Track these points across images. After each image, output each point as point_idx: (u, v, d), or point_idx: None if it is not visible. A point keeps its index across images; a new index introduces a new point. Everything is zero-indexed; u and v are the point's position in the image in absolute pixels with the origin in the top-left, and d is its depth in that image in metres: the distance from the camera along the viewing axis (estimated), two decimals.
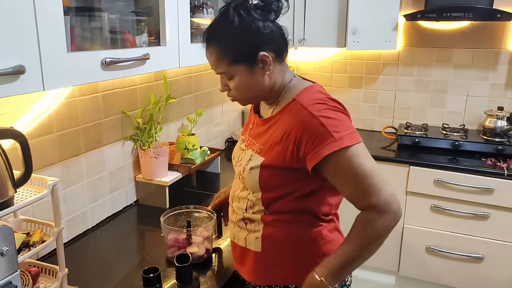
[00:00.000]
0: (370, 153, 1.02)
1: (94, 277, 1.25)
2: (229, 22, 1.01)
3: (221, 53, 1.03)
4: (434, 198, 2.43)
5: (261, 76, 1.06)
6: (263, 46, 1.03)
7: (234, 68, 1.04)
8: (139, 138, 1.72)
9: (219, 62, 1.05)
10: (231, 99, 1.13)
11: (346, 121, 1.01)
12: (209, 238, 1.35)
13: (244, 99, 1.12)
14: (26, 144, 0.95)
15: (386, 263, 2.66)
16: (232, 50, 1.03)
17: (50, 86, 0.93)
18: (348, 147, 0.97)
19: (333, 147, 0.96)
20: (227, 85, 1.09)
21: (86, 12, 1.26)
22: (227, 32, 1.03)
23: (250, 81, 1.05)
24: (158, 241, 1.45)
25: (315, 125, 0.98)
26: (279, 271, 1.13)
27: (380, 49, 2.80)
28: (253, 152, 1.11)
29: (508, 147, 2.44)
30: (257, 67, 1.04)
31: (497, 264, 2.38)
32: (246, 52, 1.03)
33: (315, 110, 1.00)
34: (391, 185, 1.00)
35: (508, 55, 2.65)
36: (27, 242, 1.00)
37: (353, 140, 0.98)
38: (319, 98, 1.04)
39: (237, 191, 1.19)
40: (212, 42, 1.05)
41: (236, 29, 1.01)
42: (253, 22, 1.01)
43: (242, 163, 1.14)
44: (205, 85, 2.25)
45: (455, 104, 2.83)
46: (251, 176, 1.09)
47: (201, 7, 1.69)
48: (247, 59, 1.03)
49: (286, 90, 1.11)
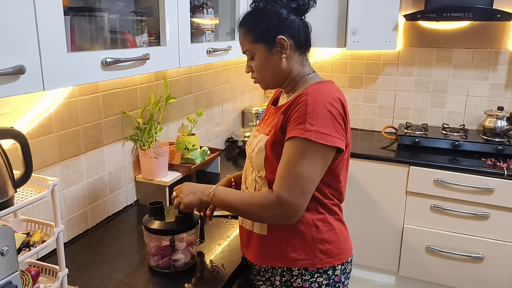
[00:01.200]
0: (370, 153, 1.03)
1: (94, 277, 1.25)
2: (257, 5, 1.18)
3: (247, 32, 1.18)
4: (434, 198, 2.43)
5: (278, 58, 1.17)
6: (283, 31, 1.15)
7: (255, 47, 1.17)
8: (139, 138, 1.72)
9: (245, 40, 1.19)
10: (254, 80, 1.25)
11: (328, 122, 1.07)
12: (193, 243, 1.31)
13: (263, 80, 1.23)
14: (26, 144, 0.95)
15: (386, 263, 2.66)
16: (255, 29, 1.17)
17: (50, 86, 0.94)
18: (309, 140, 1.04)
19: (298, 133, 1.06)
20: (250, 66, 1.22)
21: (86, 12, 1.26)
22: (255, 13, 1.18)
23: (268, 61, 1.18)
24: None
25: (302, 110, 1.08)
26: (283, 254, 1.18)
27: (380, 49, 2.80)
28: (263, 134, 1.21)
29: (508, 147, 2.44)
30: (275, 49, 1.16)
31: (497, 264, 2.38)
32: (267, 33, 1.15)
33: (312, 100, 1.08)
34: (307, 200, 1.09)
35: (508, 55, 2.65)
36: (27, 242, 1.00)
37: (318, 139, 1.04)
38: (327, 94, 1.10)
39: (248, 175, 1.26)
40: (244, 23, 1.20)
41: (262, 11, 1.16)
42: (276, 8, 1.15)
43: (252, 145, 1.24)
44: (205, 85, 2.25)
45: (455, 104, 2.83)
46: (258, 155, 1.18)
47: (201, 7, 1.69)
48: (267, 39, 1.16)
49: (303, 82, 1.20)
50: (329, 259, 1.18)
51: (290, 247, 1.17)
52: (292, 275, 1.19)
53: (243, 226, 1.28)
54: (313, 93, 1.09)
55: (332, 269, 1.19)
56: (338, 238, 1.20)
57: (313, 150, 1.05)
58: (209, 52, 1.62)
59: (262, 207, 1.10)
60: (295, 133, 1.06)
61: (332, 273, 1.19)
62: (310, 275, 1.18)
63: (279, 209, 1.07)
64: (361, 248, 2.61)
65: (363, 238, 2.63)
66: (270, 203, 1.08)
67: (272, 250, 1.19)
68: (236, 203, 1.15)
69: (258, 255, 1.23)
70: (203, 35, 1.72)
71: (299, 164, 1.06)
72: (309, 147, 1.05)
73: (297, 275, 1.18)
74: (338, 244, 1.20)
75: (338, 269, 1.20)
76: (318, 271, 1.18)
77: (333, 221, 1.20)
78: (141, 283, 1.23)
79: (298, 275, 1.18)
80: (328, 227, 1.18)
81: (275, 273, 1.22)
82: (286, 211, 1.07)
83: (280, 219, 1.11)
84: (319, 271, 1.18)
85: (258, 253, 1.23)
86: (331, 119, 1.06)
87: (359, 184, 2.58)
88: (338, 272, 1.20)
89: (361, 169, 2.54)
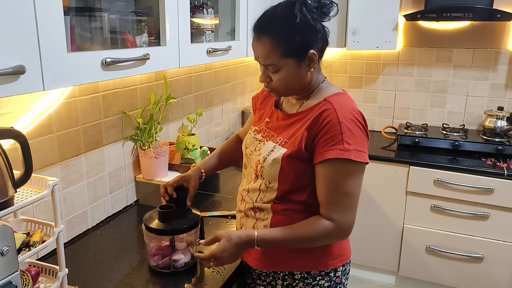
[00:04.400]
0: (370, 153, 1.04)
1: (94, 277, 1.25)
2: (292, 17, 1.05)
3: (276, 45, 1.06)
4: (434, 198, 2.43)
5: (306, 72, 1.11)
6: (314, 44, 1.08)
7: (284, 61, 1.08)
8: (139, 138, 1.72)
9: (271, 54, 1.07)
10: (268, 89, 1.17)
11: (361, 139, 1.07)
12: (193, 243, 1.31)
13: (282, 91, 1.16)
14: (26, 144, 0.95)
15: (386, 263, 2.66)
16: (287, 44, 1.06)
17: (50, 86, 0.93)
18: (350, 160, 1.03)
19: (338, 154, 1.03)
20: (269, 77, 1.12)
21: (86, 12, 1.26)
22: (288, 26, 1.05)
23: (295, 75, 1.10)
24: None
25: (335, 129, 1.05)
26: (285, 258, 1.17)
27: (380, 49, 2.80)
28: (276, 144, 1.15)
29: (508, 147, 2.44)
30: (304, 63, 1.09)
31: (497, 264, 2.38)
32: (300, 48, 1.07)
33: (342, 117, 1.06)
34: (355, 213, 1.09)
35: (508, 55, 2.65)
36: (27, 242, 1.00)
37: (358, 157, 1.04)
38: (351, 108, 1.09)
39: (251, 182, 1.22)
40: (269, 33, 1.07)
41: (297, 25, 1.05)
42: (312, 20, 1.06)
43: (261, 153, 1.18)
44: (205, 85, 2.25)
45: (455, 104, 2.83)
46: (272, 166, 1.13)
47: (201, 7, 1.69)
48: (299, 54, 1.08)
49: (318, 90, 1.17)
50: (331, 261, 1.17)
51: (292, 252, 1.16)
52: (294, 279, 1.18)
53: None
54: (340, 109, 1.07)
55: (333, 271, 1.19)
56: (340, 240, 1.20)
57: (354, 169, 1.06)
58: (209, 52, 1.62)
59: (323, 237, 1.09)
60: (335, 154, 1.03)
61: (334, 275, 1.19)
62: (312, 278, 1.17)
63: (338, 232, 1.08)
64: (361, 248, 2.61)
65: (363, 238, 2.63)
66: (330, 230, 1.07)
67: (274, 255, 1.18)
68: (290, 240, 1.10)
69: (260, 260, 1.22)
70: (203, 35, 1.72)
71: (345, 184, 1.06)
72: (351, 166, 1.05)
73: (299, 279, 1.17)
74: (340, 245, 1.19)
75: (339, 270, 1.20)
76: (320, 273, 1.17)
77: None
78: (141, 283, 1.23)
79: (300, 279, 1.17)
80: None
81: (276, 277, 1.20)
82: (344, 232, 1.08)
83: (339, 239, 1.13)
84: (321, 273, 1.17)
85: (259, 258, 1.21)
86: (362, 136, 1.07)
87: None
88: (339, 273, 1.20)
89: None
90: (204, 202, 1.79)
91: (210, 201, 1.80)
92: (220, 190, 1.94)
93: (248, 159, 1.25)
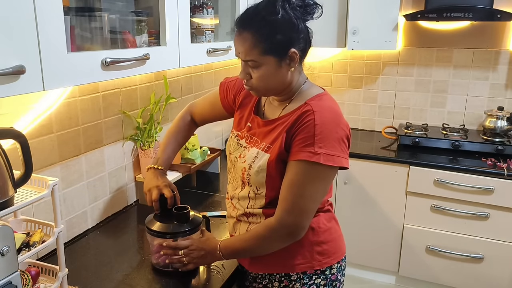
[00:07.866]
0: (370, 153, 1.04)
1: (94, 277, 1.25)
2: (273, 13, 1.03)
3: (256, 41, 1.04)
4: (434, 198, 2.43)
5: (286, 72, 1.09)
6: (295, 43, 1.06)
7: (264, 59, 1.06)
8: (139, 138, 1.72)
9: (251, 50, 1.05)
10: (247, 88, 1.14)
11: (336, 143, 1.05)
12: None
13: (262, 90, 1.13)
14: (26, 144, 0.95)
15: (386, 263, 2.66)
16: (268, 41, 1.04)
17: (50, 86, 0.94)
18: (318, 163, 1.03)
19: (307, 156, 1.03)
20: (249, 74, 1.10)
21: (86, 12, 1.26)
22: (269, 22, 1.04)
23: (275, 74, 1.08)
24: None
25: (309, 131, 1.05)
26: (280, 260, 1.17)
27: (380, 49, 2.80)
28: (259, 150, 1.15)
29: (508, 147, 2.44)
30: (284, 62, 1.07)
31: (497, 264, 2.38)
32: (281, 45, 1.05)
33: (319, 120, 1.05)
34: (308, 217, 1.10)
35: (508, 55, 2.65)
36: (27, 242, 1.00)
37: (328, 161, 1.03)
38: (330, 110, 1.09)
39: (238, 189, 1.22)
40: (250, 28, 1.05)
41: (278, 21, 1.03)
42: (294, 19, 1.05)
43: (246, 159, 1.17)
44: (205, 85, 2.25)
45: (455, 104, 2.83)
46: (258, 173, 1.13)
47: (201, 7, 1.70)
48: (279, 52, 1.06)
49: (299, 92, 1.15)
50: (326, 259, 1.18)
51: (287, 253, 1.16)
52: (290, 280, 1.18)
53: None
54: (319, 111, 1.06)
55: (329, 269, 1.19)
56: (334, 238, 1.20)
57: (321, 173, 1.05)
58: (209, 52, 1.62)
59: (268, 236, 1.10)
60: (304, 156, 1.04)
61: (329, 273, 1.19)
62: (308, 278, 1.17)
63: (281, 230, 1.08)
64: (361, 248, 2.60)
65: (363, 238, 2.63)
66: (273, 227, 1.08)
67: (269, 257, 1.16)
68: (245, 246, 1.15)
69: (255, 263, 1.22)
70: (203, 35, 1.72)
71: (307, 188, 1.05)
72: (316, 170, 1.04)
73: (296, 280, 1.17)
74: (334, 243, 1.20)
75: (334, 267, 1.20)
76: (316, 272, 1.17)
77: (328, 221, 1.20)
78: (141, 283, 1.23)
79: (296, 280, 1.17)
80: (323, 228, 1.18)
81: (272, 279, 1.19)
82: (288, 230, 1.08)
83: (285, 240, 1.11)
84: (317, 272, 1.17)
85: (254, 261, 1.22)
86: (337, 140, 1.05)
87: (359, 184, 2.58)
88: (335, 270, 1.20)
89: (361, 169, 2.54)
90: (204, 202, 1.79)
91: (210, 201, 1.80)
92: (220, 190, 1.94)
93: (233, 165, 1.24)
